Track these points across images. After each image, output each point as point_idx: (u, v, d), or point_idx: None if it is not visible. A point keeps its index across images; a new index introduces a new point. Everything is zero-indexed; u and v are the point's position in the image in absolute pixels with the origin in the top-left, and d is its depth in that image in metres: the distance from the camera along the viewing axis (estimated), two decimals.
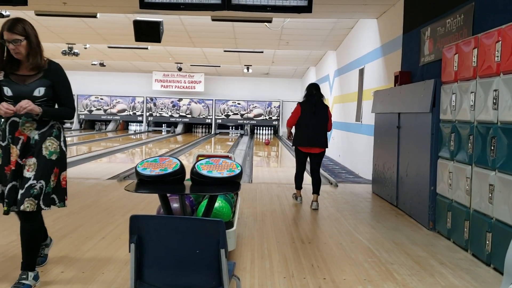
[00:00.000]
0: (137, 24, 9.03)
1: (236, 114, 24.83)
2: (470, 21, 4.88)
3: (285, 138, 21.88)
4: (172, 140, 20.38)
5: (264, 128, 25.13)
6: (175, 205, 3.51)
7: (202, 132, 25.32)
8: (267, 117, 24.80)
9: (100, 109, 24.97)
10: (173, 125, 25.14)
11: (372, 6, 8.04)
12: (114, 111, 25.00)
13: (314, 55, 15.97)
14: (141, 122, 25.20)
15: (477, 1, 4.78)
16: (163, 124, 25.42)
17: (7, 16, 8.68)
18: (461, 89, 4.43)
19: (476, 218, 4.09)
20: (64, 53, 14.69)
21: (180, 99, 24.88)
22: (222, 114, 24.84)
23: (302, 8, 6.03)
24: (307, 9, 6.04)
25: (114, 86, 24.82)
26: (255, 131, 25.14)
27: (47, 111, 3.14)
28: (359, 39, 10.46)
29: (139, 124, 25.39)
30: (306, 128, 6.11)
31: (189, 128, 25.64)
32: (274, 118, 24.80)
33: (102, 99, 24.94)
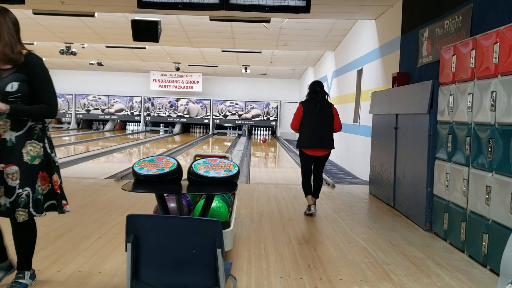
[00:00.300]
0: (135, 23, 9.03)
1: (234, 114, 24.81)
2: (468, 22, 4.88)
3: (283, 139, 21.87)
4: (170, 140, 20.37)
5: (262, 128, 25.11)
6: (172, 204, 3.50)
7: (200, 132, 25.29)
8: (265, 117, 24.79)
9: (97, 108, 24.93)
10: (170, 125, 25.10)
11: (370, 7, 8.05)
12: (111, 110, 24.95)
13: (312, 55, 15.97)
14: (138, 122, 25.17)
15: (475, 2, 4.79)
16: (161, 124, 25.39)
17: None
18: (458, 90, 4.44)
19: (472, 219, 4.10)
20: (62, 52, 14.69)
21: (178, 99, 24.85)
22: (220, 115, 24.82)
23: (300, 8, 6.04)
24: (305, 9, 6.05)
25: (112, 85, 24.80)
26: (253, 131, 25.13)
27: (16, 108, 2.84)
28: (357, 40, 10.46)
29: (136, 124, 25.35)
30: (310, 128, 5.68)
31: (186, 128, 25.61)
32: (272, 118, 24.78)
33: (99, 98, 24.90)
